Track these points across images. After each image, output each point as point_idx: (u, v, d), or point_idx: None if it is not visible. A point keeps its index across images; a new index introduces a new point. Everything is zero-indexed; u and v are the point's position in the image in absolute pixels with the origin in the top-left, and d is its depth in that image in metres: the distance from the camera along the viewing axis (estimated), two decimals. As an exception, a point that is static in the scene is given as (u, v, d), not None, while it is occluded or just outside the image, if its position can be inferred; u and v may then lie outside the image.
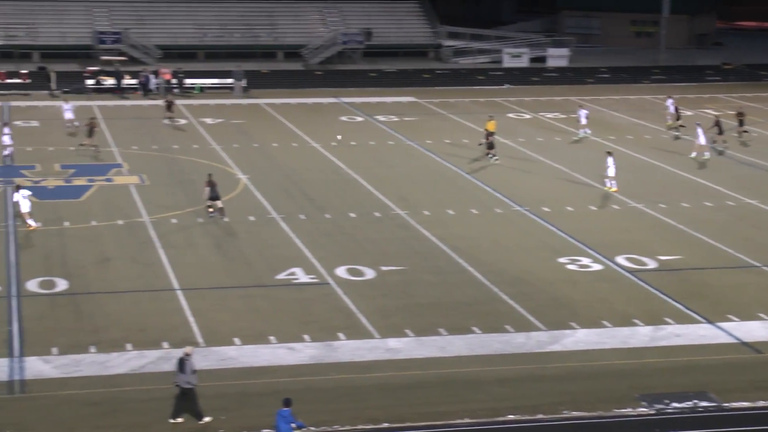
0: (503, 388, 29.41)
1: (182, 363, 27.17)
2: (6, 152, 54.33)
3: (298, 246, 41.22)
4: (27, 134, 60.54)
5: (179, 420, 27.00)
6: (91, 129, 56.11)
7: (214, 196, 44.45)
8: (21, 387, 28.96)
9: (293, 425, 25.04)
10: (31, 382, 29.20)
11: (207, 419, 27.02)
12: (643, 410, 28.23)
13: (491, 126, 57.74)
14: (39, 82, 74.36)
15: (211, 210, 44.45)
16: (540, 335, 33.15)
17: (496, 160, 55.44)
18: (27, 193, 43.16)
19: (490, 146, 56.04)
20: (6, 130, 55.00)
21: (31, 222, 42.34)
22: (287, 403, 25.13)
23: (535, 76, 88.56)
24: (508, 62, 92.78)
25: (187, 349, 27.71)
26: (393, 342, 32.43)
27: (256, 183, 50.44)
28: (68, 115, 61.08)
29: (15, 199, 42.81)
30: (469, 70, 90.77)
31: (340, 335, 32.75)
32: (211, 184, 44.56)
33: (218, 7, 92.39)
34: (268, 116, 68.50)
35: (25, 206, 42.47)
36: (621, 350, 32.23)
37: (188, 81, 76.85)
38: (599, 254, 40.86)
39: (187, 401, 27.13)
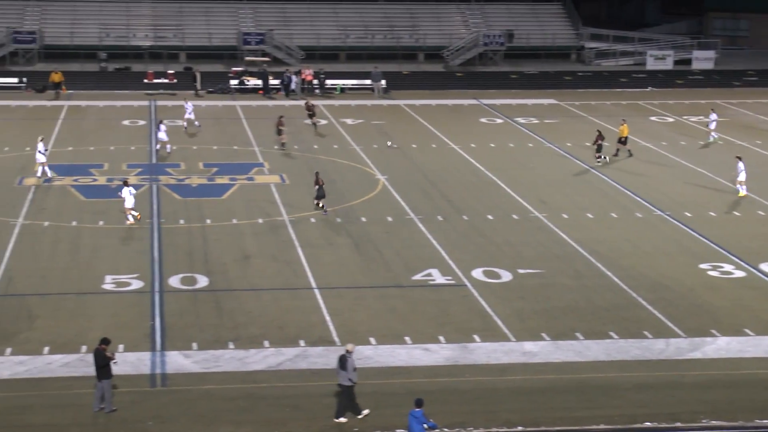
0: (641, 395, 28.98)
1: (343, 360, 27.45)
2: (158, 147, 55.84)
3: (436, 247, 41.25)
4: (172, 133, 61.75)
5: (342, 420, 27.33)
6: (279, 128, 57.04)
7: (320, 194, 45.35)
8: (162, 380, 29.60)
9: (425, 426, 25.07)
10: (172, 375, 29.83)
11: (343, 420, 27.25)
12: (786, 422, 27.54)
13: (624, 131, 56.94)
14: (185, 82, 75.89)
15: (324, 210, 45.15)
16: (680, 342, 32.56)
17: (601, 162, 54.72)
18: (132, 190, 44.19)
19: (599, 149, 55.34)
20: (162, 127, 56.35)
21: (130, 217, 43.37)
22: (419, 403, 25.17)
23: (679, 78, 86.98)
24: (651, 65, 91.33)
25: (349, 346, 28.00)
26: (529, 345, 32.23)
27: (395, 184, 50.63)
28: (188, 115, 61.95)
29: (122, 195, 43.87)
30: (611, 72, 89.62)
31: (476, 337, 32.67)
32: (319, 182, 45.50)
33: (361, 8, 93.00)
34: (408, 117, 68.68)
35: (129, 202, 43.57)
36: (764, 359, 31.46)
37: (329, 82, 77.62)
38: (743, 261, 39.95)
39: (344, 398, 27.42)
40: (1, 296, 35.32)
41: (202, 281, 37.17)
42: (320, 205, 45.49)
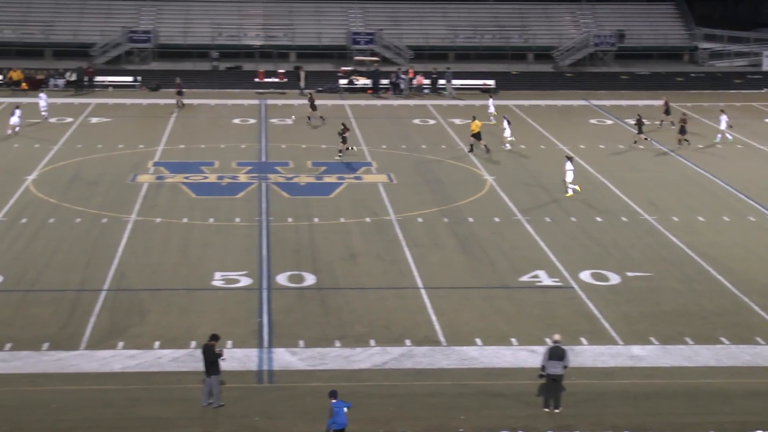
0: (752, 402, 28.43)
1: (558, 350, 27.70)
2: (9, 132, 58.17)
3: (543, 248, 40.98)
4: (281, 132, 62.43)
5: (559, 410, 27.74)
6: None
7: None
8: (269, 377, 29.87)
9: (346, 409, 25.48)
10: (279, 372, 30.08)
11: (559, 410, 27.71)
12: None
13: (476, 127, 56.55)
14: (294, 81, 76.54)
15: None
16: (793, 349, 31.90)
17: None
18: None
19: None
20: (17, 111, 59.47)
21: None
22: (335, 395, 25.56)
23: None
24: (767, 65, 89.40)
25: (556, 336, 28.38)
26: (637, 349, 31.84)
27: (502, 184, 50.40)
28: (13, 120, 59.23)
29: None
30: (725, 73, 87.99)
31: (583, 340, 32.38)
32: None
33: (470, 8, 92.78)
34: (517, 118, 68.28)
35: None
36: None
37: (441, 82, 77.64)
38: None
39: (557, 387, 27.72)
40: (113, 291, 35.99)
41: (309, 279, 37.42)
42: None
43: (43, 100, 64.48)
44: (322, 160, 55.14)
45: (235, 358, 30.44)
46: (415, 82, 77.37)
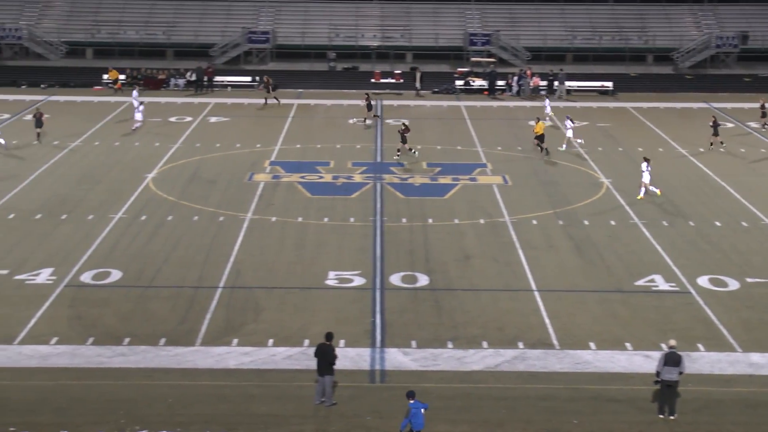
0: None
1: (675, 356, 27.37)
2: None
3: (660, 253, 40.39)
4: (397, 132, 62.46)
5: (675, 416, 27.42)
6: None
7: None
8: (381, 377, 29.95)
9: (423, 410, 25.49)
10: (391, 372, 30.14)
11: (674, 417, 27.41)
12: None
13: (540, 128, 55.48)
14: (410, 82, 76.66)
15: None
16: None
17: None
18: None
19: None
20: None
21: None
22: (413, 395, 25.59)
23: None
24: None
25: (672, 341, 28.00)
26: (756, 357, 31.22)
27: (619, 187, 49.80)
28: (138, 116, 62.03)
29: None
30: None
31: (700, 346, 31.84)
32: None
33: (589, 9, 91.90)
34: (635, 120, 67.50)
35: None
36: None
37: (556, 83, 77.04)
38: None
39: (673, 393, 27.42)
40: (229, 288, 36.45)
41: (423, 280, 37.44)
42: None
43: (135, 99, 65.40)
44: (437, 161, 55.12)
45: (347, 358, 30.58)
46: (531, 83, 76.94)
